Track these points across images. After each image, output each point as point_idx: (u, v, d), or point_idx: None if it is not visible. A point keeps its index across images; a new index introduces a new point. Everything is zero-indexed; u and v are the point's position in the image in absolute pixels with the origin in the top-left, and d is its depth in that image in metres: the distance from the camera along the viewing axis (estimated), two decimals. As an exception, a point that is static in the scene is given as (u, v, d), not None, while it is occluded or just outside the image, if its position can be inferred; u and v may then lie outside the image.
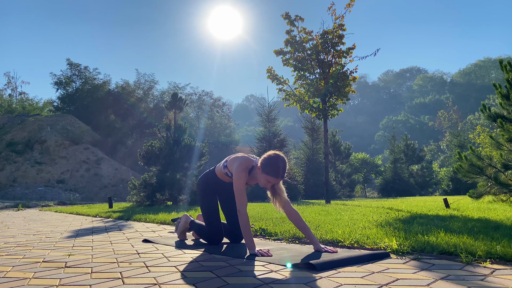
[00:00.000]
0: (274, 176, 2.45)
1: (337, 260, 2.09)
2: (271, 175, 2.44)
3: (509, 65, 5.82)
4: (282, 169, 2.45)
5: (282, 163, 2.46)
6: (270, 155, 2.49)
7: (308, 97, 9.24)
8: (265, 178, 2.47)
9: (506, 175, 5.64)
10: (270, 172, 2.44)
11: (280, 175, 2.45)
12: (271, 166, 2.44)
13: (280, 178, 2.47)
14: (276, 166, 2.43)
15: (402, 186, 20.51)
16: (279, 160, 2.45)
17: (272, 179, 2.47)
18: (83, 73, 32.75)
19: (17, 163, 21.72)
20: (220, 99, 41.45)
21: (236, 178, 2.54)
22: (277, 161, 2.44)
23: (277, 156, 2.47)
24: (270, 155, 2.48)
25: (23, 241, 3.50)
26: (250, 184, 2.72)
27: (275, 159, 2.45)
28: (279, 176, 2.46)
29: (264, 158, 2.49)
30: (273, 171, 2.44)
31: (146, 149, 9.89)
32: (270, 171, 2.44)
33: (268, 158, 2.47)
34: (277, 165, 2.43)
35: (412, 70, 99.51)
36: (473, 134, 26.91)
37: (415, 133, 61.15)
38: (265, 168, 2.45)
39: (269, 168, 2.44)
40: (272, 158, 2.46)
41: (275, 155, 2.48)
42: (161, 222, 4.91)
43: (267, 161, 2.46)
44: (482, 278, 1.72)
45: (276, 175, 2.44)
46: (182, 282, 1.79)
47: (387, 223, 3.61)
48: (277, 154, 2.49)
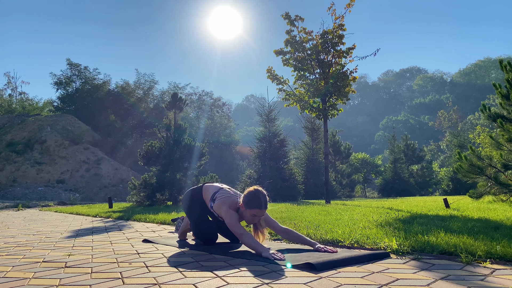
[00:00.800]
0: (258, 208, 2.58)
1: (337, 260, 2.09)
2: (256, 207, 2.58)
3: (509, 65, 5.82)
4: (264, 200, 2.60)
5: (263, 195, 2.61)
6: (249, 191, 2.64)
7: (308, 97, 9.24)
8: (250, 213, 2.61)
9: (506, 175, 5.64)
10: (254, 205, 2.58)
11: (263, 205, 2.59)
12: (253, 200, 2.59)
13: (264, 208, 2.60)
14: (257, 198, 2.58)
15: (402, 186, 20.51)
16: (259, 193, 2.60)
17: (257, 211, 2.59)
18: (83, 73, 32.78)
19: (17, 163, 21.72)
20: (220, 99, 41.48)
21: (227, 216, 2.63)
22: (257, 195, 2.60)
23: (255, 190, 2.62)
24: (249, 191, 2.64)
25: (23, 241, 3.50)
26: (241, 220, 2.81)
27: (254, 193, 2.61)
28: (263, 207, 2.59)
29: (244, 196, 2.64)
30: (256, 204, 2.58)
31: (146, 149, 9.89)
32: (253, 204, 2.58)
33: (248, 194, 2.62)
34: (258, 197, 2.59)
35: (412, 70, 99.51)
36: (473, 134, 26.91)
37: (415, 133, 61.15)
38: (248, 203, 2.59)
39: (252, 202, 2.59)
40: (252, 193, 2.61)
41: (254, 190, 2.63)
42: (161, 222, 4.91)
43: (248, 197, 2.61)
44: (482, 278, 1.72)
45: (260, 207, 2.58)
46: (182, 282, 1.79)
47: (387, 223, 3.61)
48: (256, 189, 2.64)
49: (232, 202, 2.72)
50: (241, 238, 2.51)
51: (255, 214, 2.61)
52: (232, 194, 2.82)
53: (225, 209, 2.67)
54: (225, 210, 2.66)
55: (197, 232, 2.94)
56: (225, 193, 2.82)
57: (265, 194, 2.64)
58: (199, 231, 2.92)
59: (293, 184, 12.93)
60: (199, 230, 2.92)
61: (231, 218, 2.61)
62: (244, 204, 2.62)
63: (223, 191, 2.86)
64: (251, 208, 2.58)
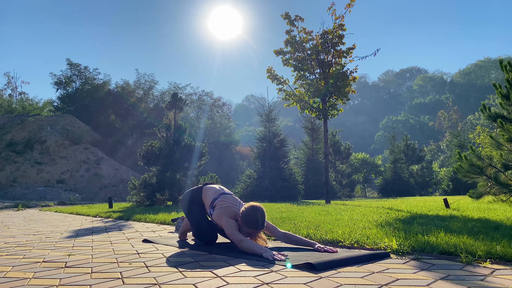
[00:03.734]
0: (255, 228, 2.61)
1: (337, 260, 2.09)
2: (252, 227, 2.60)
3: (509, 65, 5.81)
4: (261, 221, 2.61)
5: (261, 215, 2.61)
6: (247, 209, 2.63)
7: (308, 97, 9.24)
8: (246, 231, 2.63)
9: (506, 175, 5.64)
10: (251, 226, 2.60)
11: (260, 226, 2.61)
12: (250, 221, 2.59)
13: (260, 229, 2.62)
14: (255, 219, 2.59)
15: (402, 186, 20.50)
16: (257, 213, 2.60)
17: (253, 231, 2.63)
18: (83, 73, 32.77)
19: (17, 163, 21.72)
20: (220, 99, 41.45)
21: (227, 226, 2.64)
22: (255, 214, 2.59)
23: (254, 209, 2.61)
24: (248, 209, 2.62)
25: (23, 241, 3.50)
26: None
27: (252, 213, 2.60)
28: (259, 228, 2.61)
29: (242, 213, 2.63)
30: (253, 225, 2.59)
31: (146, 149, 9.89)
32: (250, 225, 2.59)
33: (246, 213, 2.62)
34: (256, 218, 2.59)
35: (412, 70, 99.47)
36: (473, 134, 26.92)
37: (415, 133, 61.13)
38: (245, 222, 2.60)
39: (249, 222, 2.59)
40: (250, 212, 2.61)
41: (252, 209, 2.62)
42: (161, 222, 4.91)
43: (246, 216, 2.61)
44: (482, 278, 1.72)
45: (256, 227, 2.60)
46: (182, 282, 1.79)
47: (387, 223, 3.61)
48: (254, 207, 2.63)
49: (232, 213, 2.72)
50: (240, 244, 2.52)
51: (251, 233, 2.64)
52: (232, 204, 2.79)
53: (225, 220, 2.67)
54: (225, 220, 2.67)
55: (197, 232, 2.95)
56: (225, 202, 2.80)
57: (264, 212, 2.64)
58: (199, 232, 2.92)
59: (293, 184, 12.92)
60: (199, 231, 2.92)
61: (231, 228, 2.62)
62: (241, 221, 2.62)
63: (223, 197, 2.84)
64: (248, 227, 2.61)
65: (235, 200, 2.87)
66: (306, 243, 2.61)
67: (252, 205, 2.65)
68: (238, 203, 2.82)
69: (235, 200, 2.86)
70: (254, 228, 2.60)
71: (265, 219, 2.65)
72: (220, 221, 2.71)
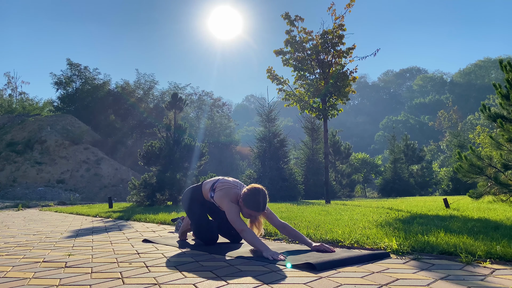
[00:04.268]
0: (255, 210, 2.62)
1: (337, 260, 2.09)
2: (253, 209, 2.62)
3: (509, 65, 5.81)
4: (263, 203, 2.62)
5: (263, 197, 2.62)
6: (250, 190, 2.63)
7: (308, 97, 9.24)
8: (247, 212, 2.65)
9: (506, 175, 5.64)
10: (252, 207, 2.61)
11: (261, 208, 2.62)
12: (252, 202, 2.60)
13: (261, 211, 2.64)
14: (256, 201, 2.60)
15: (402, 186, 20.51)
16: (259, 195, 2.61)
17: (254, 213, 2.65)
18: (83, 73, 32.77)
19: (17, 163, 21.72)
20: (220, 99, 41.47)
21: (229, 209, 2.64)
22: (257, 197, 2.60)
23: (256, 191, 2.62)
24: (250, 190, 2.63)
25: (23, 241, 3.50)
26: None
27: (254, 195, 2.61)
28: (260, 210, 2.62)
29: (244, 194, 2.64)
30: (254, 206, 2.61)
31: (146, 149, 9.89)
32: (252, 206, 2.61)
33: (248, 194, 2.62)
34: (257, 201, 2.60)
35: (412, 70, 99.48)
36: (473, 134, 26.92)
37: (415, 133, 61.14)
38: (247, 203, 2.61)
39: (250, 203, 2.61)
40: (251, 194, 2.61)
41: (254, 190, 2.62)
42: (161, 222, 4.91)
43: (247, 197, 2.62)
44: (482, 278, 1.72)
45: (257, 209, 2.62)
46: (182, 282, 1.79)
47: (387, 223, 3.61)
48: (257, 189, 2.63)
49: (233, 195, 2.72)
50: (242, 234, 2.52)
51: (252, 214, 2.67)
52: (233, 186, 2.80)
53: (226, 203, 2.67)
54: (227, 204, 2.67)
55: (197, 232, 2.94)
56: (225, 183, 2.82)
57: (266, 194, 2.64)
58: (200, 232, 2.92)
59: (293, 184, 12.93)
60: (200, 231, 2.91)
61: (232, 212, 2.61)
62: (243, 202, 2.63)
63: (223, 180, 2.87)
64: (249, 208, 2.62)
65: (236, 182, 2.87)
66: (303, 240, 2.59)
67: (254, 187, 2.65)
68: (239, 185, 2.83)
69: (236, 182, 2.87)
70: (255, 210, 2.60)
71: (267, 202, 2.65)
72: (221, 204, 2.72)
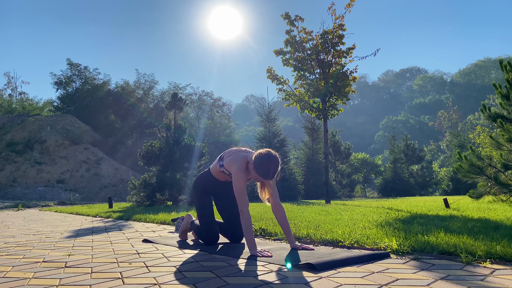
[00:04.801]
0: (263, 177, 2.53)
1: (337, 260, 2.09)
2: (261, 175, 2.53)
3: (509, 65, 5.81)
4: (273, 171, 2.51)
5: (274, 166, 2.50)
6: (262, 155, 2.52)
7: (308, 97, 9.24)
8: (256, 176, 2.57)
9: (506, 175, 5.64)
10: (261, 173, 2.52)
11: (270, 177, 2.53)
12: (262, 167, 2.50)
13: (269, 179, 2.55)
14: (267, 168, 2.50)
15: (402, 186, 20.51)
16: (270, 163, 2.49)
17: (261, 179, 2.58)
18: (83, 73, 32.77)
19: (17, 163, 21.71)
20: (220, 99, 41.48)
21: (235, 179, 2.59)
22: (268, 164, 2.49)
23: (269, 158, 2.50)
24: (263, 155, 2.51)
25: (23, 241, 3.50)
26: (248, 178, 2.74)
27: (266, 162, 2.50)
28: (268, 178, 2.53)
29: (256, 157, 2.53)
30: (263, 173, 2.51)
31: (146, 149, 9.89)
32: (261, 172, 2.51)
33: (260, 158, 2.51)
34: (268, 168, 2.50)
35: (412, 70, 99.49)
36: (473, 134, 26.91)
37: (415, 133, 61.15)
38: (257, 168, 2.52)
39: (260, 169, 2.50)
40: (264, 160, 2.50)
41: (267, 156, 2.50)
42: (161, 222, 4.91)
43: (259, 160, 2.51)
44: (482, 278, 1.72)
45: (265, 177, 2.53)
46: (182, 282, 1.79)
47: (387, 223, 3.61)
48: (269, 155, 2.51)
49: (242, 160, 2.65)
50: (240, 214, 2.51)
51: (259, 179, 2.60)
52: (241, 150, 2.75)
53: (234, 171, 2.62)
54: (235, 172, 2.61)
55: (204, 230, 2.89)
56: (232, 150, 2.79)
57: (278, 163, 2.54)
58: (207, 231, 2.88)
59: (293, 184, 12.92)
60: (207, 229, 2.88)
61: (238, 183, 2.57)
62: (254, 164, 2.54)
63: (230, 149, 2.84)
64: (258, 174, 2.53)
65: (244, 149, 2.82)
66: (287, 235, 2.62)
67: (269, 153, 2.53)
68: (248, 151, 2.77)
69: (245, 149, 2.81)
70: (263, 176, 2.52)
71: (278, 171, 2.56)
72: (230, 168, 2.68)
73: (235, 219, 2.96)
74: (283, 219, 2.63)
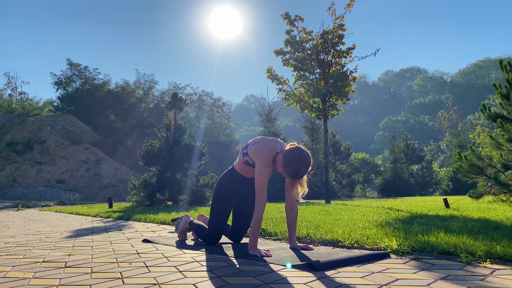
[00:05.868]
0: (291, 177, 2.39)
1: (337, 260, 2.09)
2: (290, 175, 2.38)
3: (509, 65, 5.82)
4: (302, 173, 2.35)
5: (305, 167, 2.34)
6: (295, 153, 2.35)
7: (308, 97, 9.24)
8: (283, 173, 2.42)
9: (506, 175, 5.64)
10: (289, 172, 2.37)
11: (299, 177, 2.38)
12: (292, 167, 2.34)
13: (296, 180, 2.40)
14: (297, 169, 2.34)
15: (402, 186, 20.51)
16: (301, 164, 2.32)
17: (288, 178, 2.43)
18: (83, 73, 32.78)
19: (17, 163, 21.71)
20: (220, 99, 41.48)
21: (258, 174, 2.43)
22: (299, 165, 2.33)
23: (301, 158, 2.33)
24: (295, 153, 2.34)
25: (23, 241, 3.50)
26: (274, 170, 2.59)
27: (298, 162, 2.33)
28: (296, 179, 2.39)
29: (287, 153, 2.37)
30: (292, 173, 2.36)
31: (146, 149, 9.89)
32: (290, 171, 2.36)
33: (292, 155, 2.34)
34: (298, 169, 2.33)
35: (412, 70, 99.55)
36: (473, 134, 26.92)
37: (415, 133, 61.17)
38: (286, 165, 2.36)
39: (290, 167, 2.35)
40: (295, 158, 2.33)
41: (299, 156, 2.33)
42: (161, 222, 4.91)
43: (290, 160, 2.34)
44: (482, 278, 1.72)
45: (294, 177, 2.38)
46: (182, 282, 1.79)
47: (387, 223, 3.61)
48: (302, 155, 2.34)
49: (270, 152, 2.45)
50: (254, 211, 2.39)
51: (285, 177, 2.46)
52: (268, 140, 2.55)
53: (259, 164, 2.43)
54: (259, 165, 2.42)
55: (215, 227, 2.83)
56: (259, 138, 2.60)
57: (309, 165, 2.36)
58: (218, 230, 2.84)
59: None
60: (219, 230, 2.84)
61: (261, 177, 2.39)
62: (283, 160, 2.38)
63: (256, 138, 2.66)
64: (285, 172, 2.38)
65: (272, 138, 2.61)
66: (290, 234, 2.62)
67: (300, 151, 2.35)
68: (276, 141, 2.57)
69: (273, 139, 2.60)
70: (291, 177, 2.36)
71: (307, 172, 2.38)
72: (255, 159, 2.49)
73: (243, 220, 2.92)
74: (293, 220, 2.62)
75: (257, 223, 2.41)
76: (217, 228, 2.86)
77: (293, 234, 2.63)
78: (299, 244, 2.60)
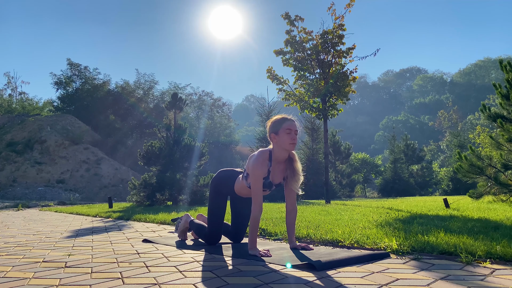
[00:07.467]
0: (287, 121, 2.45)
1: (337, 260, 2.09)
2: (284, 121, 2.46)
3: (509, 65, 5.82)
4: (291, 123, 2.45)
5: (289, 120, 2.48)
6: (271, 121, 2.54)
7: (308, 97, 9.24)
8: (283, 134, 2.43)
9: (506, 175, 5.64)
10: (282, 121, 2.46)
11: (289, 117, 2.48)
12: (277, 120, 2.49)
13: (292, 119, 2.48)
14: (280, 117, 2.49)
15: (402, 186, 20.52)
16: (285, 117, 2.48)
17: (287, 125, 2.44)
18: (83, 73, 32.78)
19: (17, 163, 21.71)
20: (220, 99, 41.51)
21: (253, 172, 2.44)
22: (283, 118, 2.48)
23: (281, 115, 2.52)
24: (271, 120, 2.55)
25: (23, 241, 3.50)
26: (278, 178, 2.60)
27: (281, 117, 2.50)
28: (290, 117, 2.48)
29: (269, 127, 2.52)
30: (282, 119, 2.47)
31: (146, 149, 9.89)
32: (281, 120, 2.47)
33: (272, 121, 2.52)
34: (280, 116, 2.50)
35: (412, 70, 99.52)
36: (473, 134, 26.92)
37: (415, 133, 61.15)
38: (275, 127, 2.47)
39: (277, 122, 2.48)
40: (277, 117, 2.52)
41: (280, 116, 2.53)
42: (161, 222, 4.91)
43: (271, 123, 2.51)
44: (482, 278, 1.72)
45: (286, 119, 2.47)
46: (182, 282, 1.79)
47: (387, 223, 3.61)
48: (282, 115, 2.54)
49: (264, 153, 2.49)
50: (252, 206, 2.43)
51: (289, 128, 2.42)
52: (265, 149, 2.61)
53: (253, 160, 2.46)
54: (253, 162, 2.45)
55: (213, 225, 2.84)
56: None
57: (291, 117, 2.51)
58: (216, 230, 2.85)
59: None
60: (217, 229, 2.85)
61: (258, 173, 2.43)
62: (272, 131, 2.46)
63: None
64: (281, 126, 2.43)
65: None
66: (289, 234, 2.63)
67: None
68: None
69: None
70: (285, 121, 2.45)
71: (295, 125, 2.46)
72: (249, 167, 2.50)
73: (242, 221, 2.94)
74: (293, 221, 2.65)
75: (255, 222, 2.43)
76: (216, 224, 2.87)
77: (293, 235, 2.64)
78: (299, 244, 2.59)
